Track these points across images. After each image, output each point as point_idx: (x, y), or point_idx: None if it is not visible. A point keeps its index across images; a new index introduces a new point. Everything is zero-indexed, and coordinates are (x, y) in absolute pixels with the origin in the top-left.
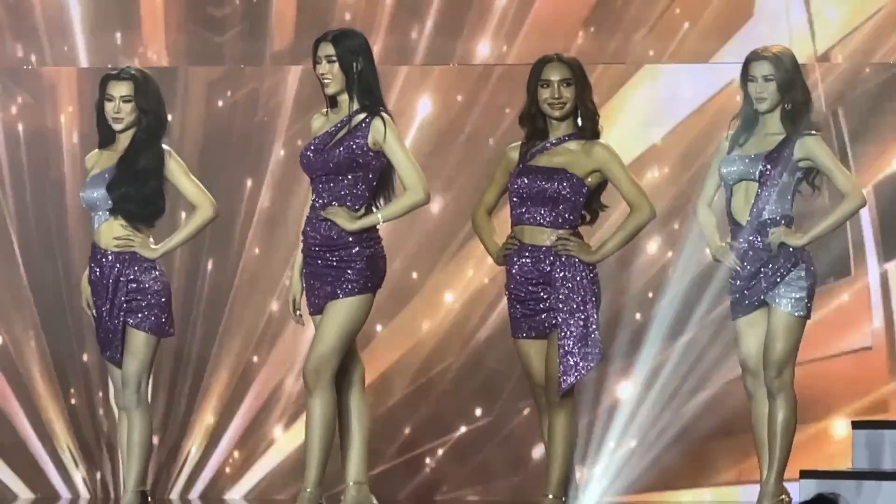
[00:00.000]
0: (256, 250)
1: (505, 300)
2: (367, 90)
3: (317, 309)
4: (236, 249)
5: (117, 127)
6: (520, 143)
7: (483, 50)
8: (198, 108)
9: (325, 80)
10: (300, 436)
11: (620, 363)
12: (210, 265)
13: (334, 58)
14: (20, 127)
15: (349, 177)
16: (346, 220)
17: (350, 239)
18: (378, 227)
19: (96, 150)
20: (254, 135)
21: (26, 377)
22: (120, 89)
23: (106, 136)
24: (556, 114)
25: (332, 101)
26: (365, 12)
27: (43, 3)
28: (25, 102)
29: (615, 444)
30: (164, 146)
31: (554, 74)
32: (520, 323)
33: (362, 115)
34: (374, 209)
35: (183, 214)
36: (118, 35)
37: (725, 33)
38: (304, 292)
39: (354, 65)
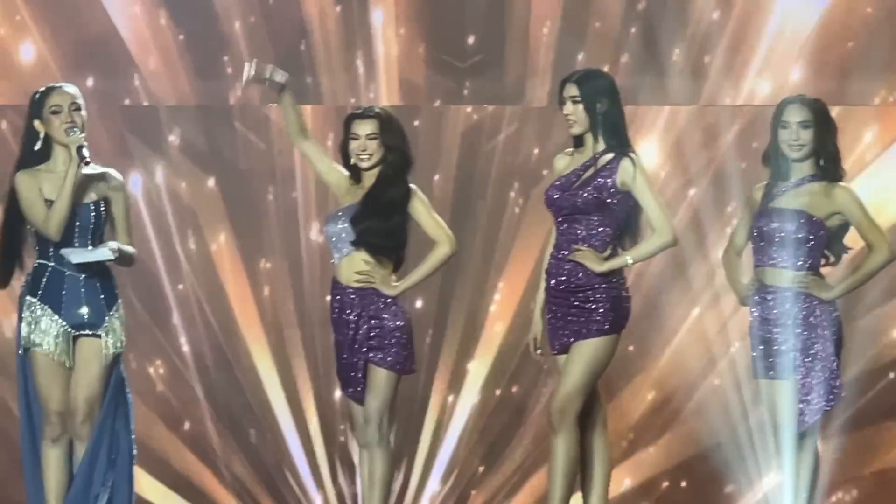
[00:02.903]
0: (500, 284)
1: (749, 340)
2: (613, 131)
3: (561, 349)
4: (480, 286)
5: (364, 165)
6: (765, 183)
7: (730, 90)
8: (439, 148)
9: (570, 121)
10: (542, 475)
11: None
12: (452, 301)
13: (578, 98)
14: (250, 166)
15: (595, 217)
16: (594, 263)
17: (596, 280)
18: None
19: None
20: (499, 173)
21: (267, 409)
22: (365, 128)
23: (352, 174)
24: (795, 155)
25: (578, 141)
26: (609, 53)
27: (283, 42)
28: (253, 142)
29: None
30: (411, 184)
31: (793, 116)
32: (761, 363)
33: (609, 156)
34: (620, 250)
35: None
36: (359, 73)
37: None
38: (547, 332)
39: (598, 105)
